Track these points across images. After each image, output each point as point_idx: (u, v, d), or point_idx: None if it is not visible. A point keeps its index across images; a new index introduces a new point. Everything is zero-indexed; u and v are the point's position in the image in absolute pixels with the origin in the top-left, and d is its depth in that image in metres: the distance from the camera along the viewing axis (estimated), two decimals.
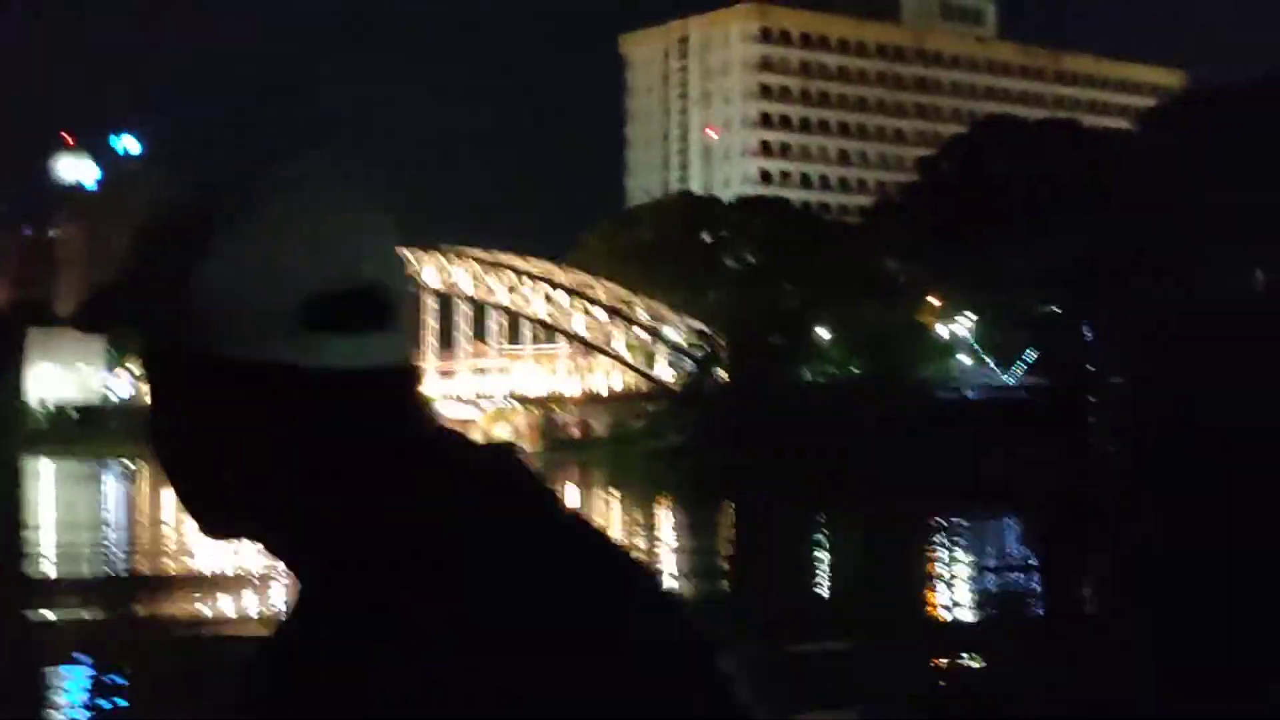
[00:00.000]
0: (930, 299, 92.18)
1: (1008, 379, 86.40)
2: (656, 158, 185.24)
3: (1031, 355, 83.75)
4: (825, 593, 34.36)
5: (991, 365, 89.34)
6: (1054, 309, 79.06)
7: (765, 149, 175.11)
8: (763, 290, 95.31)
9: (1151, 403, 62.53)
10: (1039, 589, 36.54)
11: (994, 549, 45.95)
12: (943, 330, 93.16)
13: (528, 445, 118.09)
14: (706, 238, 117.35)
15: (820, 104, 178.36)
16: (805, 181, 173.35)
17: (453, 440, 1.39)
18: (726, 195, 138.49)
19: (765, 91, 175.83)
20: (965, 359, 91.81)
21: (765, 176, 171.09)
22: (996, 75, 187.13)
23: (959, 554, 43.64)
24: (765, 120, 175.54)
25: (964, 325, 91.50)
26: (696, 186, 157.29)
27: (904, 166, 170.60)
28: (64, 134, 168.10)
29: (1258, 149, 68.47)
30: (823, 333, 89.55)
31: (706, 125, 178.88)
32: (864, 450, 68.19)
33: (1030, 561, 42.38)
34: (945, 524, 51.27)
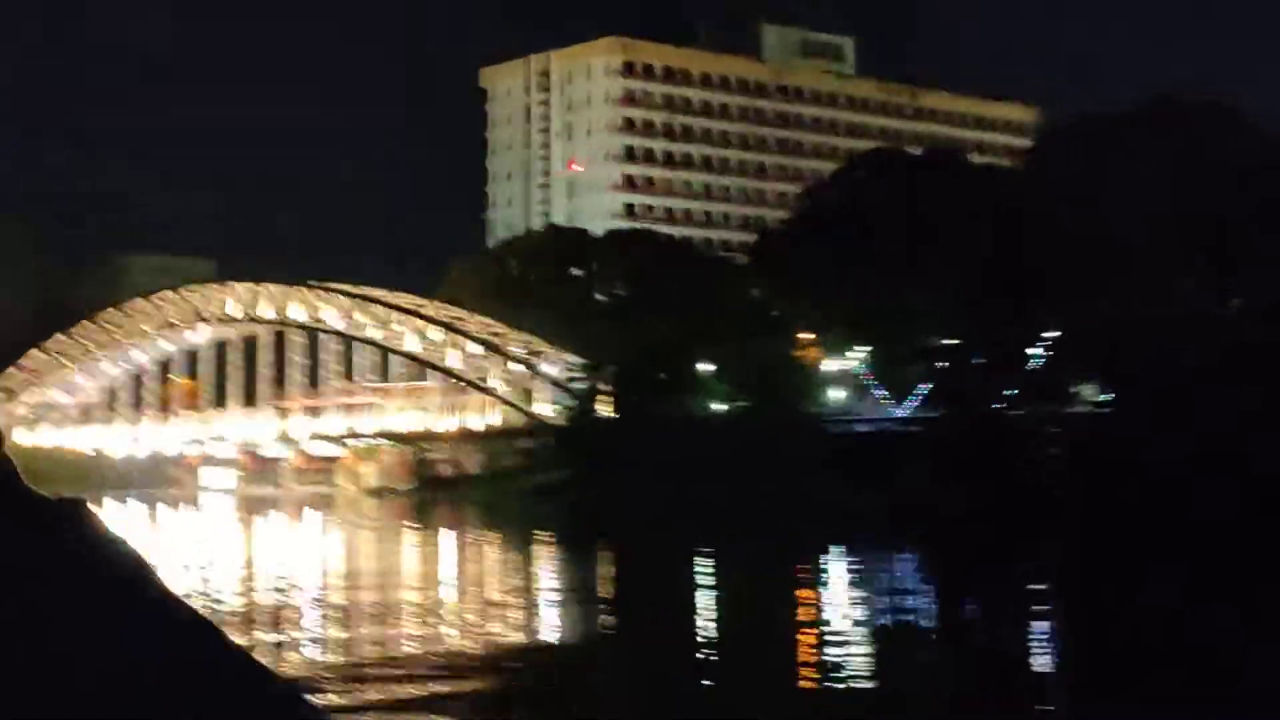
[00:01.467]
0: (818, 332, 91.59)
1: (899, 411, 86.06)
2: (519, 191, 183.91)
3: (924, 387, 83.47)
4: (708, 637, 33.11)
5: (882, 397, 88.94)
6: (946, 340, 79.17)
7: (629, 183, 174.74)
8: (641, 324, 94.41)
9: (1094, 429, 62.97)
10: (934, 622, 36.07)
11: (888, 582, 45.46)
12: (832, 364, 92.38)
13: (398, 484, 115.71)
14: (576, 271, 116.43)
15: (684, 138, 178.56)
16: (669, 216, 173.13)
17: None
18: (591, 229, 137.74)
19: (629, 125, 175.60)
20: (855, 392, 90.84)
21: (630, 210, 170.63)
22: (857, 111, 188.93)
23: (850, 590, 43.03)
24: (629, 154, 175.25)
25: (854, 358, 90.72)
26: (560, 220, 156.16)
27: (766, 201, 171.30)
28: None
29: (1133, 176, 69.66)
30: (706, 367, 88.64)
31: (569, 159, 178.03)
32: (753, 484, 67.71)
33: (927, 593, 41.93)
34: (836, 558, 50.67)
